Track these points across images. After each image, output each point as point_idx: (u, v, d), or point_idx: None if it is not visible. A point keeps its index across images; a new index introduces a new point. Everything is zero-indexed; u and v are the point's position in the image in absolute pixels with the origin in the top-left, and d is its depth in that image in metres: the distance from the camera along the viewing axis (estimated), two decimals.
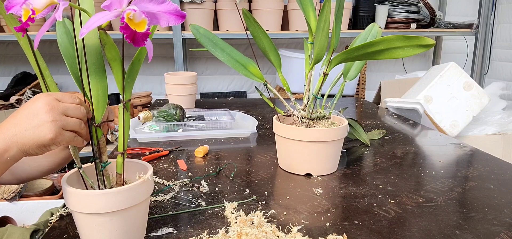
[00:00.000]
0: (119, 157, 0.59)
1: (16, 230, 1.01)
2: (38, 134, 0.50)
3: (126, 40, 0.47)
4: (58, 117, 0.50)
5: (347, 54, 0.78)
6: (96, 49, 0.55)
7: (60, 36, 0.59)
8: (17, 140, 0.50)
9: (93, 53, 0.55)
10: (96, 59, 0.56)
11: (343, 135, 0.93)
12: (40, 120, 0.50)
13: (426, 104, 1.72)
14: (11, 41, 2.72)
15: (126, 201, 0.55)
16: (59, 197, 1.82)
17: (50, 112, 0.50)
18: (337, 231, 0.67)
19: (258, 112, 1.62)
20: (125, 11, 0.46)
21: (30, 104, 0.51)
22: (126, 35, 0.46)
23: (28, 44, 0.53)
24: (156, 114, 1.30)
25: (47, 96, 0.52)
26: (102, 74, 0.56)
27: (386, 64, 3.00)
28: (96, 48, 0.56)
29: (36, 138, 0.50)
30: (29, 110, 0.51)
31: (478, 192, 0.83)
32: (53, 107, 0.51)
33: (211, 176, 0.92)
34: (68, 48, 0.58)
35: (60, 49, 0.58)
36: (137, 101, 2.43)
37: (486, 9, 2.53)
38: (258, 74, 0.94)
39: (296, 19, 2.41)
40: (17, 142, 0.50)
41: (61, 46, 0.58)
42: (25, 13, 0.46)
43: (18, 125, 0.51)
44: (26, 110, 0.51)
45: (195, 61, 2.91)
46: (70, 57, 0.58)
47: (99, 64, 0.56)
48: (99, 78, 0.56)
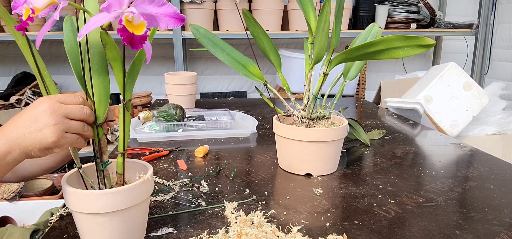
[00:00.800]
0: (119, 157, 0.59)
1: (16, 230, 1.01)
2: (41, 137, 0.50)
3: (123, 43, 0.47)
4: (60, 120, 0.51)
5: (347, 54, 0.79)
6: (99, 48, 0.55)
7: (66, 34, 0.59)
8: (20, 143, 0.51)
9: (96, 52, 0.55)
10: (99, 59, 0.56)
11: (343, 135, 0.93)
12: (42, 123, 0.50)
13: (426, 104, 1.72)
14: (11, 41, 2.72)
15: (126, 201, 0.55)
16: (59, 197, 1.82)
17: (52, 115, 0.50)
18: (337, 231, 0.67)
19: (258, 112, 1.62)
20: (124, 13, 0.46)
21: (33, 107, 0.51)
22: (123, 37, 0.45)
23: (27, 45, 0.53)
24: (156, 114, 1.30)
25: (49, 99, 0.52)
26: (105, 74, 0.56)
27: (386, 64, 3.00)
28: (100, 47, 0.56)
29: (38, 141, 0.50)
30: (31, 113, 0.51)
31: (478, 192, 0.83)
32: (55, 110, 0.51)
33: (211, 176, 0.92)
34: (74, 46, 0.58)
35: (66, 47, 0.58)
36: (137, 101, 2.44)
37: (486, 9, 2.53)
38: (258, 74, 0.94)
39: (296, 19, 2.41)
40: (19, 145, 0.51)
41: (66, 44, 0.58)
42: (25, 12, 0.46)
43: (21, 128, 0.51)
44: (29, 114, 0.51)
45: (195, 61, 2.91)
46: (75, 56, 0.58)
47: (102, 64, 0.56)
48: (102, 77, 0.56)
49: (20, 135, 0.50)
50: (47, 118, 0.50)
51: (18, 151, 0.51)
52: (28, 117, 0.51)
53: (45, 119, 0.50)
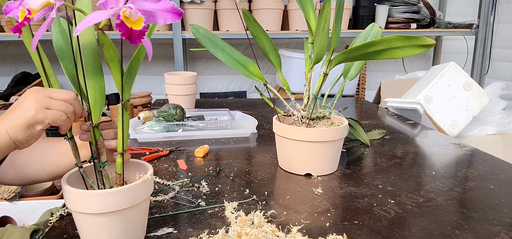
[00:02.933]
0: (118, 157, 0.59)
1: (16, 230, 1.01)
2: (21, 113, 0.54)
3: (122, 38, 0.47)
4: (41, 98, 0.54)
5: (347, 54, 0.78)
6: (92, 48, 0.55)
7: (55, 36, 0.59)
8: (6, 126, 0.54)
9: (89, 53, 0.55)
10: (93, 59, 0.56)
11: (343, 135, 0.93)
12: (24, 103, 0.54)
13: (426, 104, 1.72)
14: (11, 41, 2.73)
15: (126, 201, 0.55)
16: (59, 197, 1.82)
17: (33, 94, 0.54)
18: (337, 231, 0.67)
19: (258, 112, 1.62)
20: (121, 9, 0.46)
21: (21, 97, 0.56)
22: (122, 32, 0.46)
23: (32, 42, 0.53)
24: (156, 114, 1.30)
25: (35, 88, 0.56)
26: (99, 75, 0.56)
27: (386, 64, 3.00)
28: (93, 47, 0.55)
29: (21, 118, 0.53)
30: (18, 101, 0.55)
31: (478, 192, 0.83)
32: (38, 90, 0.55)
33: (211, 176, 0.92)
34: (63, 48, 0.58)
35: (55, 50, 0.58)
36: (137, 101, 2.44)
37: (486, 9, 2.53)
38: (258, 74, 0.94)
39: (296, 19, 2.41)
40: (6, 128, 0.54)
41: (56, 47, 0.58)
42: (21, 13, 0.46)
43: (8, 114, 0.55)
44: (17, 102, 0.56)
45: (195, 61, 2.91)
46: (66, 58, 0.58)
47: (96, 64, 0.56)
48: (97, 78, 0.56)
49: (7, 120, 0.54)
50: (29, 99, 0.54)
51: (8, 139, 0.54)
52: (15, 105, 0.55)
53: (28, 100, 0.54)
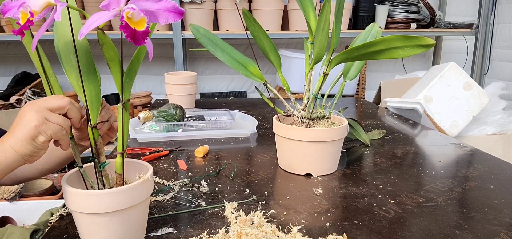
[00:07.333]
0: (118, 157, 0.59)
1: (16, 230, 1.01)
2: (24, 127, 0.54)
3: (126, 39, 0.47)
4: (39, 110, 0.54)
5: (347, 54, 0.78)
6: (85, 49, 0.56)
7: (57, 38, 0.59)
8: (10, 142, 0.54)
9: (82, 54, 0.55)
10: (86, 60, 0.56)
11: (343, 135, 0.93)
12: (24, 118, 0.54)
13: (426, 104, 1.72)
14: (11, 41, 2.72)
15: (126, 201, 0.55)
16: (59, 197, 1.82)
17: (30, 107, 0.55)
18: (337, 231, 0.67)
19: (258, 112, 1.62)
20: (124, 10, 0.46)
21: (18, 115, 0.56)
22: (127, 34, 0.46)
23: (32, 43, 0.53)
24: (156, 114, 1.30)
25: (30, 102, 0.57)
26: (93, 75, 0.56)
27: (386, 64, 3.00)
28: (85, 48, 0.56)
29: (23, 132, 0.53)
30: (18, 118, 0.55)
31: (478, 192, 0.83)
32: (34, 103, 0.56)
33: (211, 176, 0.92)
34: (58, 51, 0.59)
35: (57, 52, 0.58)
36: (137, 101, 2.43)
37: (486, 9, 2.53)
38: (258, 74, 0.94)
39: (296, 19, 2.41)
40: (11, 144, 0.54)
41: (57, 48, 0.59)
42: (23, 16, 0.46)
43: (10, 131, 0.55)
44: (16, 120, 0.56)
45: (195, 61, 2.91)
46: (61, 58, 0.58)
47: (89, 65, 0.56)
48: (91, 79, 0.56)
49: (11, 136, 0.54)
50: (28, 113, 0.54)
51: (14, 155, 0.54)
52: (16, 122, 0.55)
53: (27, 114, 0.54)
